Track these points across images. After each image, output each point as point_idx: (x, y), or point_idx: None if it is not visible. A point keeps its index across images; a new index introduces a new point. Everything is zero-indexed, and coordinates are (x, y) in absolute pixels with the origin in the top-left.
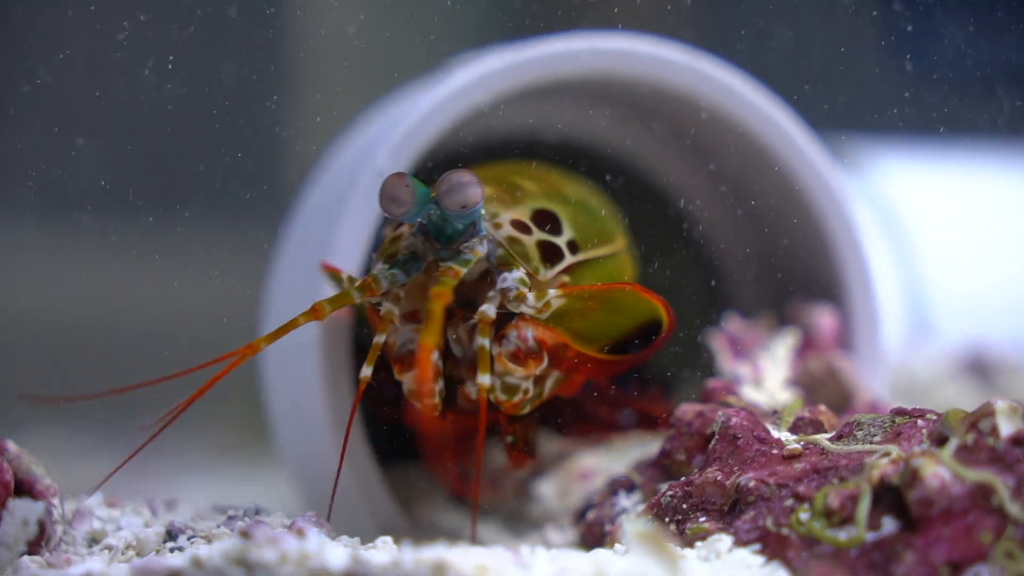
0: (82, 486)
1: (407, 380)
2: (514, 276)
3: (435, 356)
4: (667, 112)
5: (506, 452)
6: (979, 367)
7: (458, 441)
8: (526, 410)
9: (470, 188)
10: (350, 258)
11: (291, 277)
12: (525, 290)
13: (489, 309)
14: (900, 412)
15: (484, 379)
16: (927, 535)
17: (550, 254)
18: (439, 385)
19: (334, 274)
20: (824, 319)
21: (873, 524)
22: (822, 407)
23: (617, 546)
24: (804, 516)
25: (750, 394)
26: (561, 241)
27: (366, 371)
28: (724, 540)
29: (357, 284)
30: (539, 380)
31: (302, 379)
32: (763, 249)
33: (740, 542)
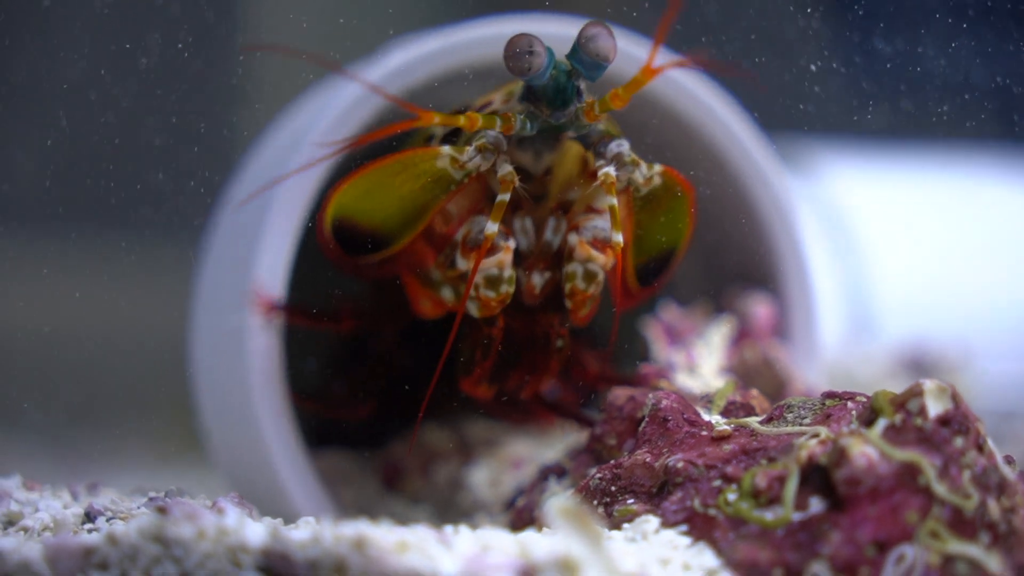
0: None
1: (484, 268)
2: (624, 143)
3: (512, 243)
4: None
5: (551, 358)
6: (918, 365)
7: (504, 349)
8: (586, 311)
9: (609, 40)
10: (283, 239)
11: (221, 266)
12: (638, 157)
13: (611, 170)
14: (830, 395)
15: (618, 236)
16: (853, 514)
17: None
18: (510, 273)
19: (424, 154)
20: (760, 308)
21: (800, 504)
22: (754, 391)
23: (545, 529)
24: (732, 497)
25: (684, 381)
26: None
27: (491, 227)
28: (651, 521)
29: (477, 146)
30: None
31: (233, 367)
32: (704, 240)
33: (667, 523)
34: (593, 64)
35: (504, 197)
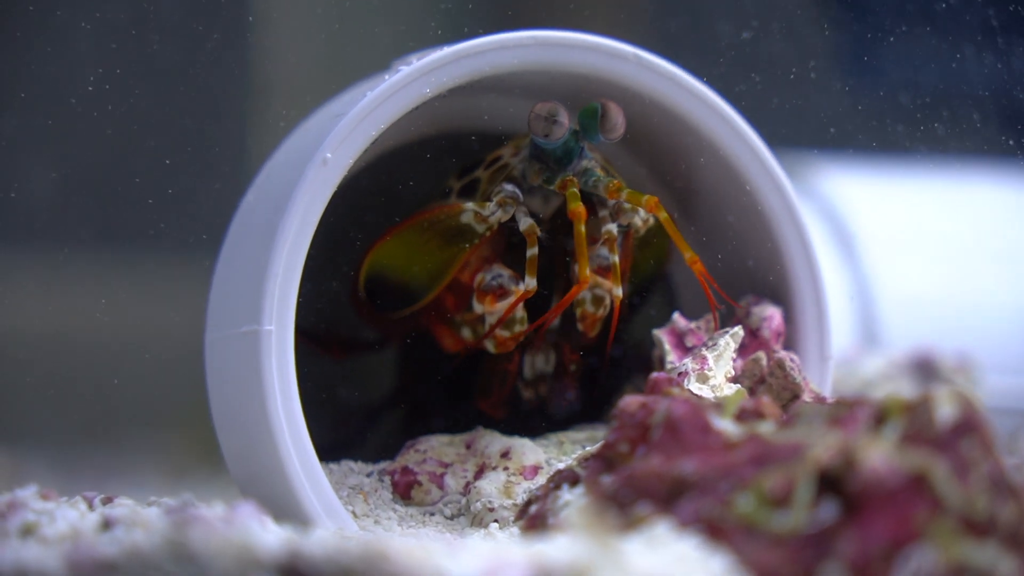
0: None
1: (497, 311)
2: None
3: (521, 284)
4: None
5: (567, 383)
6: (927, 374)
7: (516, 375)
8: (596, 331)
9: (622, 127)
10: (298, 247)
11: (234, 271)
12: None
13: (613, 228)
14: (841, 402)
15: (618, 291)
16: (864, 519)
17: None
18: (522, 314)
19: (449, 211)
20: (772, 318)
21: (811, 509)
22: (765, 398)
23: (559, 536)
24: (743, 502)
25: (696, 388)
26: None
27: (531, 282)
28: (664, 527)
29: (497, 201)
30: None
31: (247, 373)
32: (715, 251)
33: (680, 529)
34: (603, 140)
35: (533, 251)
